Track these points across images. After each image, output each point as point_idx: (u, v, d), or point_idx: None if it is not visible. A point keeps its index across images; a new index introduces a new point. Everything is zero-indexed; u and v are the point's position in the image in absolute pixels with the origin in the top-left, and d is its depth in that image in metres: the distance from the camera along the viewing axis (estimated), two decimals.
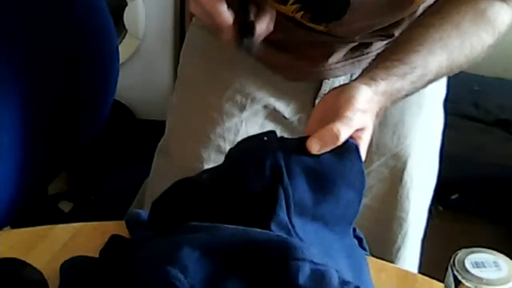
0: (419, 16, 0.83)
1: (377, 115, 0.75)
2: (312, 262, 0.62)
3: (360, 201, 0.73)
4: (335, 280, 0.62)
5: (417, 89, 0.79)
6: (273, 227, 0.66)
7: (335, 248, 0.71)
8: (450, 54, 0.79)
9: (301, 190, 0.69)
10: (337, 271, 0.63)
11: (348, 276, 0.65)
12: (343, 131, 0.68)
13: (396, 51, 0.77)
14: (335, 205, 0.72)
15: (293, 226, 0.68)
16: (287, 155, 0.70)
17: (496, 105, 2.29)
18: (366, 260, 0.76)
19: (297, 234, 0.67)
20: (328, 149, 0.69)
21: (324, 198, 0.71)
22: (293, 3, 0.85)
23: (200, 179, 0.75)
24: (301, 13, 0.86)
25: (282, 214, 0.67)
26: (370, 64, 0.79)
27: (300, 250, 0.62)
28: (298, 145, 0.70)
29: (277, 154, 0.69)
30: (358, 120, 0.70)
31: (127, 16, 2.10)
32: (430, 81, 0.80)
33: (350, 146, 0.71)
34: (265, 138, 0.71)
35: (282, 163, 0.69)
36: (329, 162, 0.71)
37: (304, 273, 0.61)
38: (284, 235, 0.65)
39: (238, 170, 0.71)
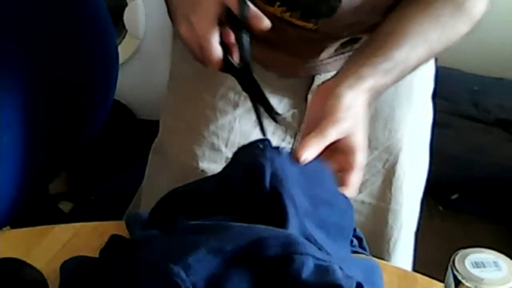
0: (401, 6, 0.85)
1: (367, 108, 0.78)
2: (315, 257, 0.62)
3: (351, 211, 0.77)
4: (339, 274, 0.62)
5: (396, 82, 0.83)
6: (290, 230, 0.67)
7: (340, 253, 0.71)
8: (430, 47, 0.82)
9: (299, 197, 0.71)
10: (340, 268, 0.63)
11: (359, 278, 0.66)
12: (321, 142, 0.72)
13: (381, 44, 0.80)
14: (331, 212, 0.74)
15: (306, 228, 0.69)
16: (282, 163, 0.71)
17: (496, 105, 2.29)
18: (378, 266, 0.77)
19: (306, 228, 0.68)
20: (312, 156, 0.72)
21: (319, 204, 0.73)
22: (279, 6, 0.86)
23: (199, 189, 0.77)
24: (289, 13, 0.87)
25: (294, 220, 0.68)
26: (356, 55, 0.81)
27: (303, 245, 0.63)
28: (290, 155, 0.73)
29: (275, 162, 0.71)
30: (336, 128, 0.73)
31: (127, 16, 2.10)
32: (409, 73, 0.84)
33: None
34: (261, 146, 0.73)
35: (280, 171, 0.70)
36: (320, 170, 0.74)
37: (308, 267, 0.61)
38: (287, 231, 0.65)
39: (238, 180, 0.73)
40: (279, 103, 1.00)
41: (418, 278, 0.84)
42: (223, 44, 0.76)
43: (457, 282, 0.67)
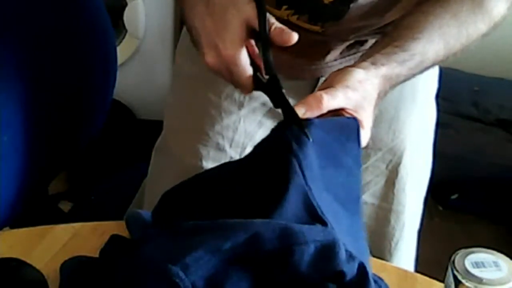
0: (419, 2, 0.84)
1: (379, 96, 0.77)
2: (315, 241, 0.62)
3: (359, 171, 0.74)
4: (342, 254, 0.62)
5: (413, 75, 0.81)
6: (292, 190, 0.66)
7: (343, 224, 0.70)
8: (447, 42, 0.81)
9: (310, 156, 0.69)
10: (344, 244, 0.63)
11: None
12: (326, 98, 0.71)
13: (397, 37, 0.79)
14: (337, 172, 0.72)
15: (310, 189, 0.68)
16: (294, 127, 0.71)
17: (496, 105, 2.29)
18: (367, 247, 0.76)
19: (313, 197, 0.67)
20: (313, 114, 0.71)
21: (326, 165, 0.71)
22: (286, 9, 0.86)
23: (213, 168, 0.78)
24: (296, 16, 0.87)
25: (298, 179, 0.67)
26: (372, 47, 0.81)
27: (301, 233, 0.62)
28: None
29: (283, 129, 0.71)
30: (345, 94, 0.72)
31: (127, 16, 2.10)
32: (427, 68, 0.82)
33: (348, 118, 0.74)
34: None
35: (288, 134, 0.70)
36: (330, 130, 0.72)
37: (308, 255, 0.61)
38: (284, 222, 0.65)
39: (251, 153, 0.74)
40: None
41: (418, 278, 0.84)
42: (252, 63, 0.74)
43: (457, 282, 0.67)
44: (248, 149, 1.01)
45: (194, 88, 1.02)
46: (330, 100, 0.71)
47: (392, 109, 1.02)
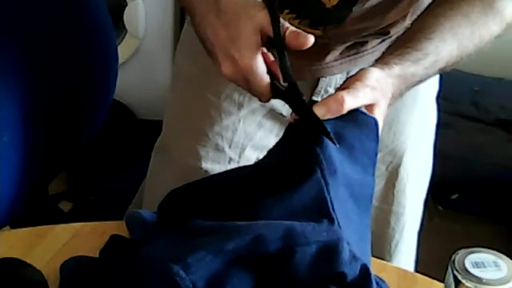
0: (428, 7, 0.85)
1: (393, 96, 0.77)
2: (318, 241, 0.62)
3: (373, 172, 0.75)
4: (345, 254, 0.62)
5: (429, 76, 0.81)
6: (307, 183, 0.67)
7: (354, 221, 0.71)
8: (461, 42, 0.81)
9: (332, 150, 0.70)
10: (348, 243, 0.63)
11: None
12: (347, 99, 0.71)
13: (409, 39, 0.80)
14: (354, 169, 0.73)
15: (326, 183, 0.68)
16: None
17: (496, 105, 2.29)
18: (370, 249, 0.76)
19: (328, 192, 0.68)
20: (333, 115, 0.71)
21: (345, 160, 0.71)
22: (288, 13, 0.86)
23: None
24: (297, 21, 0.87)
25: (316, 173, 0.68)
26: (385, 51, 0.81)
27: (304, 234, 0.62)
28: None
29: (306, 135, 0.71)
30: (365, 93, 0.72)
31: (127, 16, 2.10)
32: (441, 69, 0.82)
33: (368, 117, 0.74)
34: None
35: (312, 142, 0.70)
36: (349, 127, 0.73)
37: (310, 254, 0.61)
38: (287, 223, 0.65)
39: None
40: (283, 105, 1.00)
41: (418, 278, 0.84)
42: (269, 71, 0.74)
43: (457, 282, 0.67)
44: (248, 150, 1.01)
45: (194, 88, 1.02)
46: (352, 101, 0.71)
47: (393, 110, 1.02)
